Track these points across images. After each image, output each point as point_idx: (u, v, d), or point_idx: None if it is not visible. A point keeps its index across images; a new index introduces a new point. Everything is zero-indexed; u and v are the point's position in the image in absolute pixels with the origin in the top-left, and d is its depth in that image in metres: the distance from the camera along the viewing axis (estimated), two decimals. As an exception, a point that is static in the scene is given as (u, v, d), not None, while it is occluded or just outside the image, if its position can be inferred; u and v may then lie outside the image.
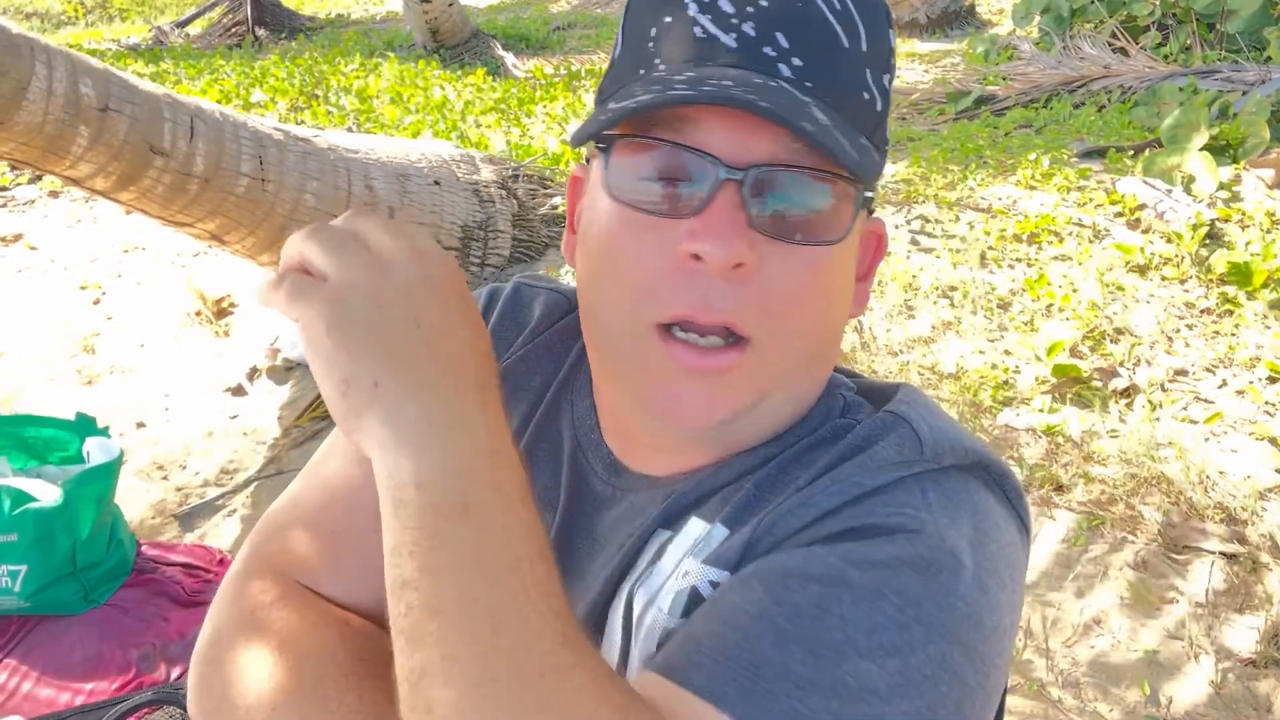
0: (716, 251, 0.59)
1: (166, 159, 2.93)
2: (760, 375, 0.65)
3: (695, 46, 0.63)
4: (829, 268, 0.64)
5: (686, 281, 0.61)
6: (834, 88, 0.63)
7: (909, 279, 3.65)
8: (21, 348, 3.64)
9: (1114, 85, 5.78)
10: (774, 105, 0.58)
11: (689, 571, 0.66)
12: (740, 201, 0.60)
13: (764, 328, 0.62)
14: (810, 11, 0.63)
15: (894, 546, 0.58)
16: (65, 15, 12.55)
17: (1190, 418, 2.89)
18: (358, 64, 7.09)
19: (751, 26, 0.62)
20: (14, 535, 2.06)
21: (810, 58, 0.62)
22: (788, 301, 0.62)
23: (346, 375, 0.53)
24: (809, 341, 0.66)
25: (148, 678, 2.03)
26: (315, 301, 0.54)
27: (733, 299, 0.61)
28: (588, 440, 0.77)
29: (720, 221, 0.59)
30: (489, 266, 3.70)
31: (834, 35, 0.63)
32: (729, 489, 0.69)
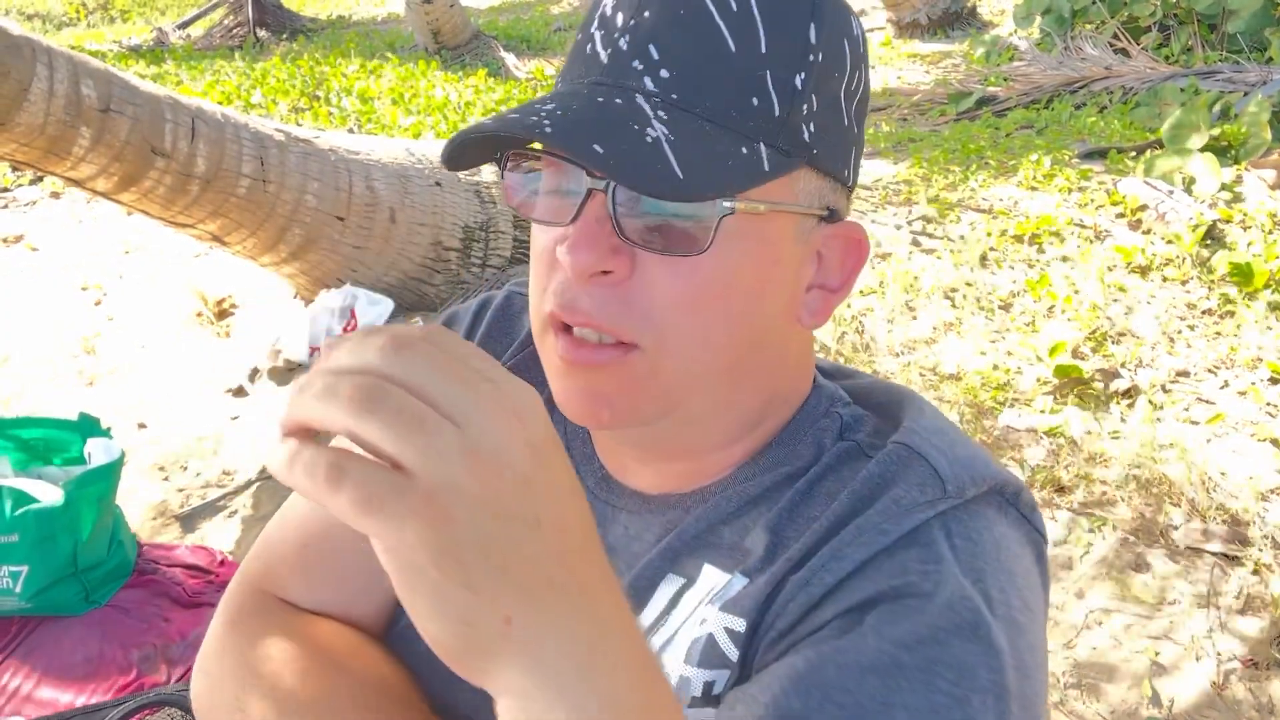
0: (573, 260, 0.61)
1: (168, 160, 2.93)
2: (656, 381, 0.65)
3: (581, 65, 0.65)
4: (714, 276, 0.63)
5: (561, 283, 0.64)
6: (708, 97, 0.62)
7: (910, 280, 3.65)
8: (23, 349, 3.64)
9: (1115, 86, 5.77)
10: (568, 130, 0.59)
11: (706, 619, 0.66)
12: (605, 212, 0.61)
13: (649, 335, 0.63)
14: (694, 17, 0.62)
15: (934, 614, 0.57)
16: (67, 16, 12.57)
17: (1192, 419, 2.89)
18: (359, 65, 7.09)
19: (626, 40, 0.62)
20: (15, 536, 2.06)
21: (681, 68, 0.61)
22: (669, 309, 0.63)
23: (466, 615, 0.41)
24: (711, 351, 0.65)
25: (149, 679, 2.03)
26: (409, 519, 0.40)
27: (598, 303, 0.62)
28: (580, 454, 0.78)
29: (582, 231, 0.61)
30: (490, 267, 3.70)
31: (719, 40, 0.62)
32: (737, 527, 0.69)
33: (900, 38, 8.70)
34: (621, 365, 0.64)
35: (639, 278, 0.62)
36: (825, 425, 0.72)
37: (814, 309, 0.69)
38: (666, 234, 0.62)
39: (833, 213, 0.67)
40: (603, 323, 0.63)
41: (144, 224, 3.72)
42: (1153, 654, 2.13)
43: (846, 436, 0.71)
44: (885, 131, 5.61)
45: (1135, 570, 2.36)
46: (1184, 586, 2.31)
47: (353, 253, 3.47)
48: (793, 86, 0.63)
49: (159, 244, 4.30)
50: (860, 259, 0.70)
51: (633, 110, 0.60)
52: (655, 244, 0.62)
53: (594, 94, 0.62)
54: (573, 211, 0.62)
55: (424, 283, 3.60)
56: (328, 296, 3.34)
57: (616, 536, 0.74)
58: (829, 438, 0.71)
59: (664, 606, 0.69)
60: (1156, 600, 2.28)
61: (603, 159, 0.57)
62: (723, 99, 0.62)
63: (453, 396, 0.41)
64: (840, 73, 0.65)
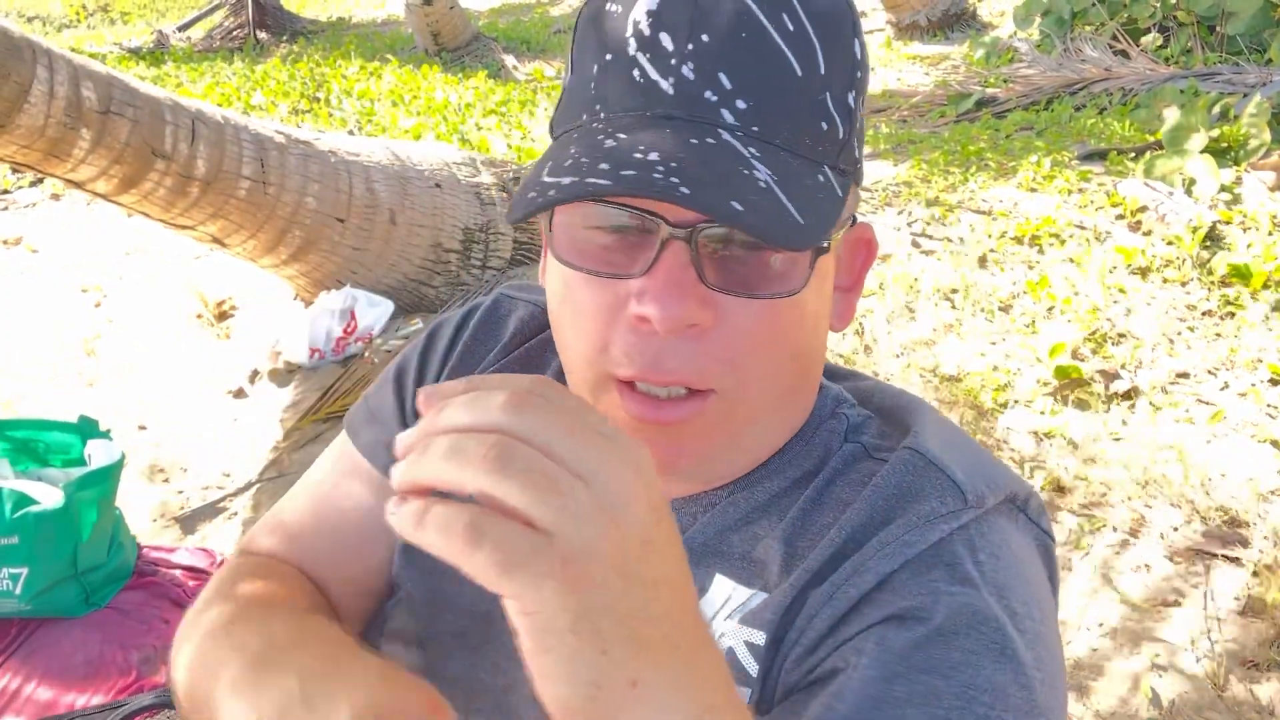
0: (664, 314, 0.56)
1: (168, 162, 2.93)
2: (729, 422, 0.63)
3: (633, 93, 0.59)
4: (793, 310, 0.61)
5: (639, 343, 0.59)
6: (785, 126, 0.58)
7: (910, 281, 3.65)
8: (23, 350, 3.64)
9: (1115, 88, 5.77)
10: (699, 185, 0.54)
11: (725, 633, 0.64)
12: (689, 259, 0.57)
13: (728, 379, 0.61)
14: (758, 41, 0.58)
15: (966, 639, 0.57)
16: (67, 19, 12.58)
17: (1192, 420, 2.89)
18: (359, 67, 7.10)
19: (691, 68, 0.58)
20: (15, 538, 2.06)
21: (757, 97, 0.58)
22: (751, 352, 0.60)
23: (597, 678, 0.41)
24: (780, 383, 0.64)
25: (148, 680, 2.03)
26: (547, 581, 0.39)
27: (686, 358, 0.59)
28: None
29: (668, 282, 0.56)
30: (490, 269, 3.70)
31: (785, 65, 0.58)
32: (746, 535, 0.68)
33: (900, 39, 8.70)
34: (700, 415, 0.61)
35: (722, 324, 0.59)
36: (832, 426, 0.71)
37: (839, 312, 0.69)
38: (755, 277, 0.58)
39: (854, 218, 0.67)
40: (690, 378, 0.59)
41: (144, 226, 3.72)
42: (1152, 655, 2.13)
43: (852, 438, 0.71)
44: (885, 133, 5.61)
45: (1135, 572, 2.36)
46: (1183, 587, 2.31)
47: (353, 254, 3.47)
48: (848, 106, 0.61)
49: (159, 246, 4.30)
50: (870, 257, 0.70)
51: (728, 151, 0.56)
52: (744, 288, 0.58)
53: (678, 132, 0.57)
54: (644, 261, 0.57)
55: (424, 284, 3.60)
56: (328, 298, 3.34)
57: None
58: (835, 439, 0.71)
59: None
60: (1156, 601, 2.27)
61: (743, 216, 0.53)
62: (798, 127, 0.59)
63: (579, 454, 0.41)
64: (866, 80, 0.65)
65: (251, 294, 3.84)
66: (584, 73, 0.63)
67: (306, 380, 3.24)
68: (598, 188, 0.54)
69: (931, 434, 0.67)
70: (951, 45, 8.37)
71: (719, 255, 0.58)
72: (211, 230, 3.20)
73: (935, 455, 0.65)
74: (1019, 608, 0.59)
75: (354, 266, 3.49)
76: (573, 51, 0.66)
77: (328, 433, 2.97)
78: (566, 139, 0.62)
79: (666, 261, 0.57)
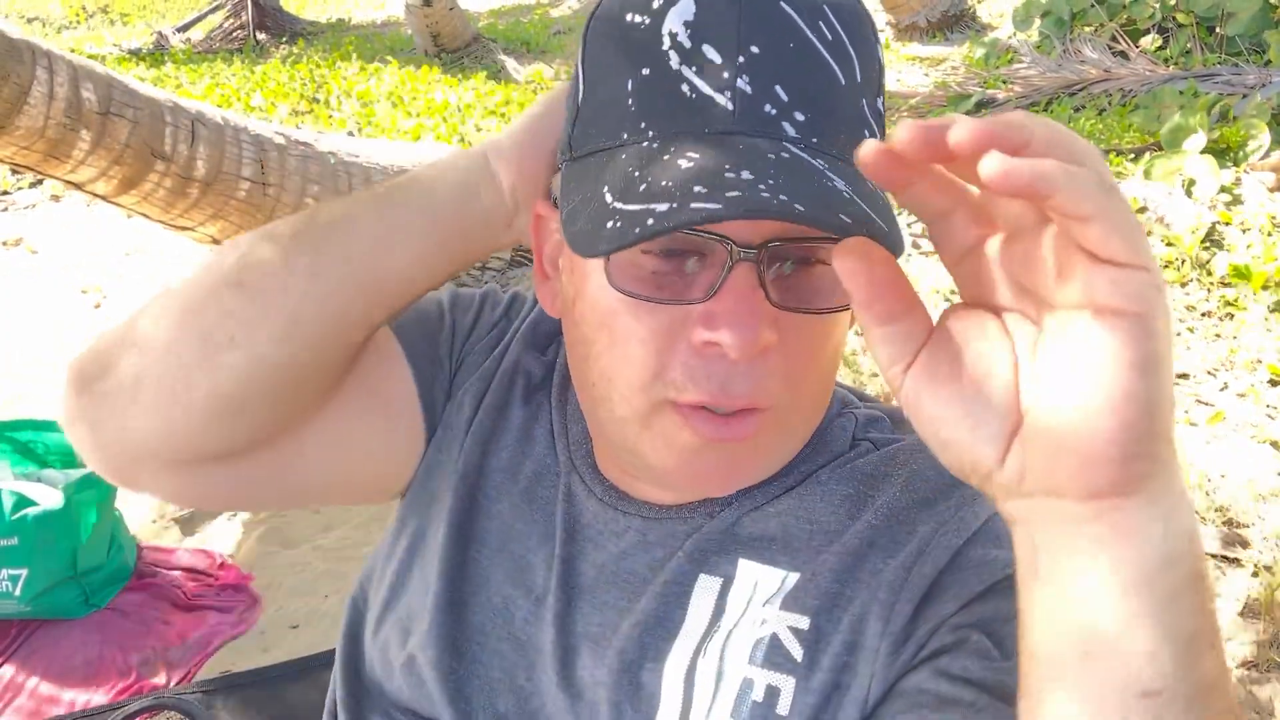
0: (741, 340, 0.55)
1: (168, 163, 2.93)
2: (782, 435, 0.64)
3: (686, 110, 0.57)
4: (842, 321, 0.62)
5: (704, 367, 0.58)
6: (838, 136, 0.58)
7: (910, 282, 3.65)
8: (23, 351, 3.64)
9: (1114, 88, 5.78)
10: (809, 201, 0.52)
11: (766, 619, 0.64)
12: (756, 280, 0.56)
13: (786, 395, 0.61)
14: (805, 51, 0.57)
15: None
16: (67, 20, 12.58)
17: (1191, 420, 2.89)
18: (358, 68, 7.10)
19: (747, 81, 0.56)
20: (15, 539, 2.06)
21: (813, 109, 0.57)
22: (808, 367, 0.61)
23: (1159, 401, 0.39)
24: (824, 392, 0.66)
25: (148, 682, 2.03)
26: (1158, 294, 0.38)
27: (756, 380, 0.59)
28: (583, 464, 0.76)
29: (739, 306, 0.56)
30: (489, 270, 3.70)
31: (832, 74, 0.58)
32: (766, 518, 0.68)
33: (899, 40, 8.70)
34: (762, 428, 0.61)
35: (784, 343, 0.59)
36: (841, 424, 0.73)
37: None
38: (821, 292, 0.58)
39: None
40: (758, 400, 0.59)
41: (144, 227, 3.72)
42: (1153, 656, 2.13)
43: (861, 435, 0.72)
44: (885, 134, 5.62)
45: (1135, 572, 2.36)
46: (1184, 588, 2.31)
47: (352, 255, 3.47)
48: (879, 111, 0.61)
49: (159, 246, 4.30)
50: None
51: (803, 164, 0.55)
52: (807, 305, 0.58)
53: (751, 149, 0.55)
54: (707, 284, 0.57)
55: (424, 285, 3.61)
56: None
57: (630, 543, 0.71)
58: (845, 435, 0.72)
59: (710, 611, 0.66)
60: (1156, 602, 2.28)
61: (853, 229, 0.51)
62: (847, 137, 0.58)
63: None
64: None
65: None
66: (612, 88, 0.60)
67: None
68: (710, 213, 0.51)
69: None
70: (951, 46, 8.38)
71: (780, 274, 0.58)
72: (211, 231, 3.20)
73: None
74: None
75: (354, 267, 3.49)
76: (584, 66, 0.63)
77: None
78: (607, 159, 0.59)
79: (736, 284, 0.56)
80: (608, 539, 0.72)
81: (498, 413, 0.79)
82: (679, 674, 0.65)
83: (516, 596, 0.74)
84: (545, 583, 0.73)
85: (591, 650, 0.69)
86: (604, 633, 0.69)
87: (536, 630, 0.72)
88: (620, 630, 0.68)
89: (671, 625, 0.67)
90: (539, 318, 0.83)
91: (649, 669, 0.66)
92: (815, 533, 0.66)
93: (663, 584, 0.68)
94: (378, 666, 0.78)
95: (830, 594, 0.63)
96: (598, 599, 0.71)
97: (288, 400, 0.71)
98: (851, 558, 0.63)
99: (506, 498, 0.77)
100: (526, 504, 0.76)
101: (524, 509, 0.76)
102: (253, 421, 0.70)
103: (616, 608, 0.70)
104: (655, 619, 0.68)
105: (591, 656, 0.69)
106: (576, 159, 0.63)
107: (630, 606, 0.69)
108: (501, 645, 0.73)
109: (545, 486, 0.76)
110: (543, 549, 0.74)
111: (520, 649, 0.72)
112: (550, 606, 0.72)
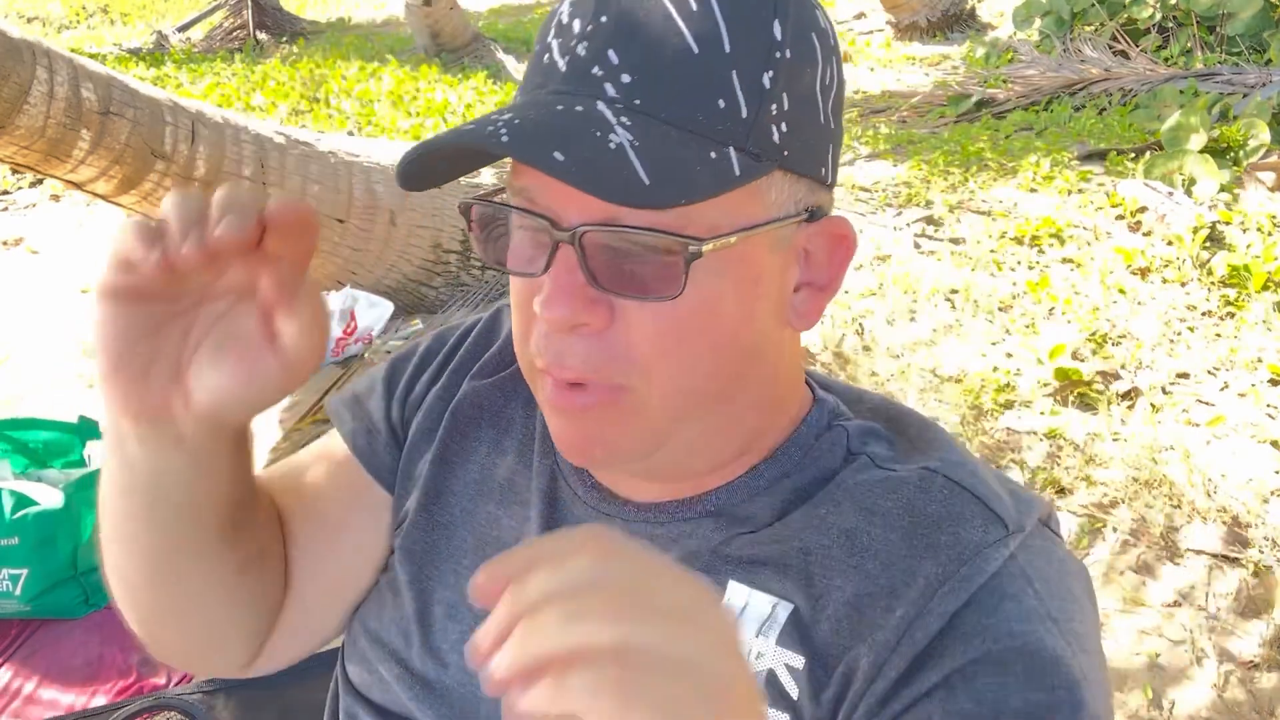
0: (549, 315, 0.60)
1: (168, 162, 2.93)
2: (643, 417, 0.63)
3: (537, 74, 0.63)
4: (695, 310, 0.61)
5: (543, 339, 0.62)
6: (672, 102, 0.58)
7: (910, 282, 3.65)
8: (23, 351, 3.64)
9: (1114, 88, 5.78)
10: (524, 138, 0.56)
11: (762, 654, 0.64)
12: (577, 261, 0.59)
13: (635, 376, 0.62)
14: (652, 20, 0.59)
15: (1041, 691, 0.58)
16: (67, 20, 12.58)
17: (1192, 420, 2.89)
18: (358, 68, 7.10)
19: (584, 47, 0.60)
20: (15, 539, 2.06)
21: (643, 73, 0.58)
22: (651, 353, 0.61)
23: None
24: (700, 380, 0.64)
25: (148, 681, 2.03)
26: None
27: (583, 355, 0.61)
28: (569, 467, 0.76)
29: (555, 283, 0.59)
30: (490, 269, 3.70)
31: (679, 43, 0.58)
32: (758, 542, 0.67)
33: (900, 40, 8.70)
34: (610, 406, 0.63)
35: (619, 323, 0.61)
36: (832, 439, 0.71)
37: (802, 310, 0.67)
38: (638, 278, 0.60)
39: (813, 213, 0.65)
40: (589, 374, 0.61)
41: (144, 226, 3.72)
42: (1153, 656, 2.13)
43: (857, 448, 0.70)
44: (885, 134, 5.61)
45: (1135, 572, 2.36)
46: (1184, 588, 2.31)
47: (352, 255, 3.47)
48: (760, 86, 0.60)
49: (159, 246, 4.30)
50: (848, 254, 0.68)
51: (593, 117, 0.58)
52: (630, 290, 0.60)
53: (553, 102, 0.59)
54: (543, 262, 0.60)
55: (424, 285, 3.61)
56: (327, 299, 3.33)
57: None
58: (838, 450, 0.70)
59: None
60: (1157, 602, 2.27)
61: (564, 166, 0.54)
62: (688, 103, 0.59)
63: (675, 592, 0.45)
64: (812, 68, 0.63)
65: None
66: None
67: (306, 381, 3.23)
68: (435, 141, 0.59)
69: (952, 456, 0.67)
70: (951, 46, 8.37)
71: (609, 258, 0.59)
72: (211, 231, 3.20)
73: (966, 481, 0.65)
74: (1078, 626, 0.61)
75: (354, 267, 3.49)
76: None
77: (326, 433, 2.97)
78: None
79: (557, 264, 0.60)
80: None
81: (461, 437, 0.81)
82: None
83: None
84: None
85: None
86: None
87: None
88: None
89: None
90: (479, 344, 0.85)
91: None
92: (812, 564, 0.65)
93: None
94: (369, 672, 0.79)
95: (824, 638, 0.62)
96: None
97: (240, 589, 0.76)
98: (848, 607, 0.62)
99: (481, 510, 0.78)
100: (502, 510, 0.77)
101: (499, 516, 0.77)
102: (232, 617, 0.77)
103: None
104: None
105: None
106: None
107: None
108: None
109: (519, 490, 0.77)
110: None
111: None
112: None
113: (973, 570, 0.61)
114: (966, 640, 0.59)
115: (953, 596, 0.60)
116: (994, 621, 0.59)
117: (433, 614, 0.76)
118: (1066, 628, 0.60)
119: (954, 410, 2.93)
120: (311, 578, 0.81)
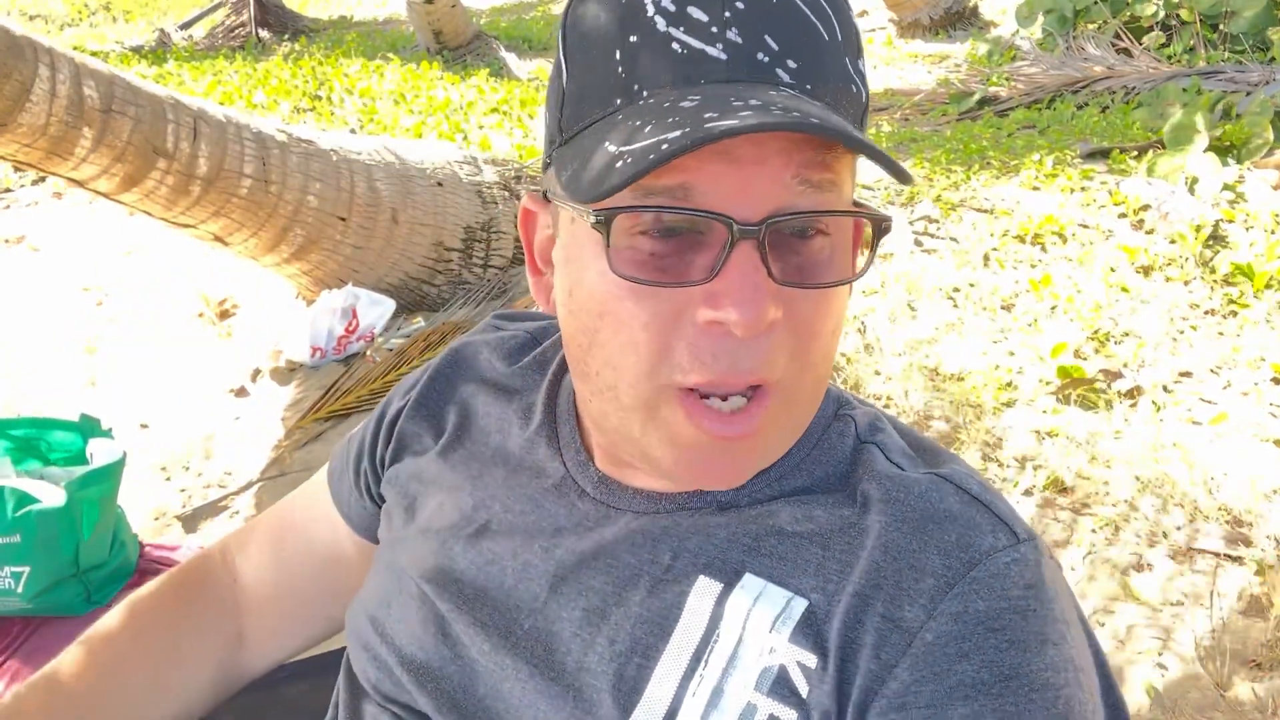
0: (747, 318, 0.55)
1: (170, 160, 2.93)
2: (786, 417, 0.63)
3: (679, 65, 0.57)
4: (842, 294, 0.62)
5: (710, 347, 0.58)
6: (828, 85, 0.59)
7: (912, 280, 3.64)
8: (24, 349, 3.65)
9: (1117, 86, 5.76)
10: (819, 120, 0.53)
11: (775, 649, 0.63)
12: (758, 258, 0.56)
13: (790, 370, 0.61)
14: (788, 6, 0.58)
15: (1054, 709, 0.59)
16: (69, 17, 12.57)
17: (1195, 419, 2.89)
18: (361, 65, 7.09)
19: (737, 33, 0.57)
20: (16, 537, 2.06)
21: (803, 58, 0.58)
22: (811, 341, 0.61)
23: None
24: (825, 370, 0.64)
25: (150, 679, 2.03)
26: None
27: (762, 356, 0.58)
28: (573, 458, 0.75)
29: (743, 285, 0.56)
30: (491, 268, 3.70)
31: (815, 29, 0.59)
32: (773, 530, 0.67)
33: (902, 37, 8.69)
34: (766, 414, 0.61)
35: (788, 319, 0.59)
36: (840, 428, 0.72)
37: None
38: (822, 266, 0.59)
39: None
40: (765, 376, 0.59)
41: (146, 225, 3.72)
42: (1154, 654, 2.13)
43: (865, 438, 0.71)
44: (887, 131, 5.61)
45: (1137, 571, 2.36)
46: (1186, 587, 2.31)
47: (354, 253, 3.47)
48: (861, 70, 0.62)
49: (161, 245, 4.30)
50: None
51: (804, 101, 0.56)
52: (814, 279, 0.59)
53: (751, 88, 0.56)
54: (707, 263, 0.57)
55: (426, 283, 3.60)
56: (329, 297, 3.34)
57: (616, 538, 0.70)
58: (848, 439, 0.71)
59: (708, 616, 0.65)
60: (1158, 601, 2.27)
61: (870, 148, 0.53)
62: (836, 87, 0.59)
63: None
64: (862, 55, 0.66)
65: (253, 293, 3.84)
66: (600, 61, 0.60)
67: (308, 379, 3.24)
68: (728, 128, 0.51)
69: (961, 469, 0.68)
70: (953, 43, 8.36)
71: (781, 250, 0.58)
72: (213, 229, 3.20)
73: (975, 490, 0.66)
74: (1068, 635, 0.62)
75: (356, 265, 3.49)
76: (566, 49, 0.64)
77: (329, 431, 2.97)
78: (603, 126, 0.59)
79: (738, 262, 0.56)
80: (594, 528, 0.72)
81: (463, 433, 0.83)
82: (672, 676, 0.64)
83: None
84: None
85: (575, 635, 0.68)
86: (589, 618, 0.68)
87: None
88: (610, 618, 0.67)
89: (666, 623, 0.66)
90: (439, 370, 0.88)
91: (636, 663, 0.65)
92: (827, 559, 0.64)
93: (656, 579, 0.67)
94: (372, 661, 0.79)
95: (836, 637, 0.62)
96: (583, 583, 0.70)
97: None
98: (859, 605, 0.62)
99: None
100: (507, 507, 0.77)
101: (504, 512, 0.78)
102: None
103: (603, 593, 0.69)
104: (648, 613, 0.66)
105: (576, 641, 0.68)
106: (568, 140, 0.63)
107: (620, 595, 0.68)
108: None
109: (524, 486, 0.77)
110: (533, 542, 0.74)
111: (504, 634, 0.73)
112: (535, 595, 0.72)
113: (982, 574, 0.61)
114: (975, 649, 0.59)
115: (960, 600, 0.60)
116: (998, 630, 0.60)
117: (438, 605, 0.76)
118: (1066, 651, 0.61)
119: (955, 409, 2.93)
120: (271, 606, 0.95)
